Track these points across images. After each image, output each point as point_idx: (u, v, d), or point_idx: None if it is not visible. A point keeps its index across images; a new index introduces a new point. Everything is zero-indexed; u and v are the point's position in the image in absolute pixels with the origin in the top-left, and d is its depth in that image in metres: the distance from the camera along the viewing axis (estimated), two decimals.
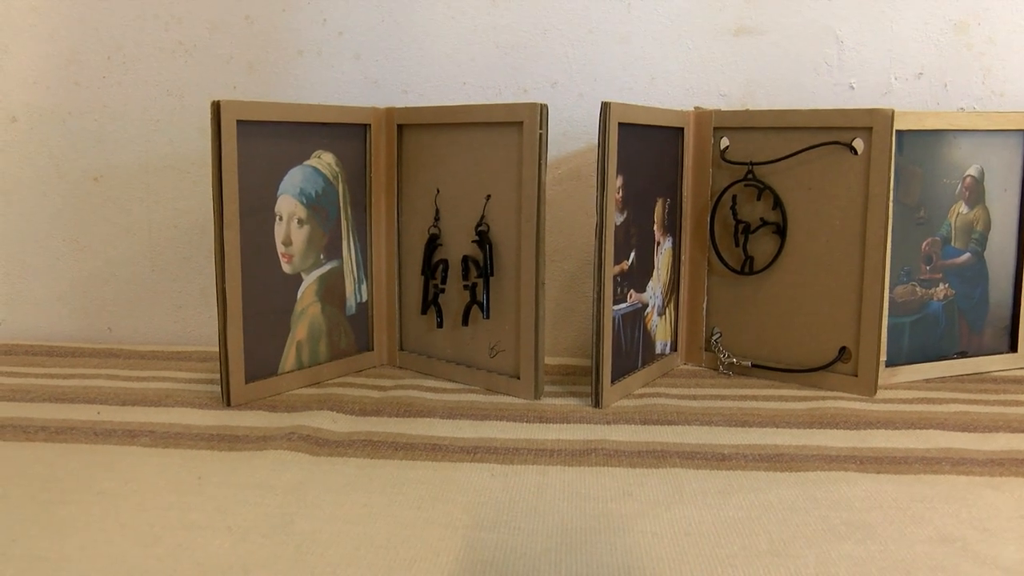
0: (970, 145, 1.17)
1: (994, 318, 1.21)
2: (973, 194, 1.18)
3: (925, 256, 1.16)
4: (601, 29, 1.24)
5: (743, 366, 1.17)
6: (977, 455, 0.91)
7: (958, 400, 1.08)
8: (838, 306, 1.11)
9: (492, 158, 1.09)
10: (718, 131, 1.17)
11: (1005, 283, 1.21)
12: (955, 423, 1.00)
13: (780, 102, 1.22)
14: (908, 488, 0.83)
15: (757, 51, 1.23)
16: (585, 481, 0.84)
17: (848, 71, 1.23)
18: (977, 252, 1.19)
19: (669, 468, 0.88)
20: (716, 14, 1.23)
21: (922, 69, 1.22)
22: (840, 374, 1.12)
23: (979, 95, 1.22)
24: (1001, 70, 1.22)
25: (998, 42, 1.22)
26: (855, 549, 0.71)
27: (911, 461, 0.89)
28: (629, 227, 1.09)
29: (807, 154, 1.11)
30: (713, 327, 1.20)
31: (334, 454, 0.90)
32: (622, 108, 1.03)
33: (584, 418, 1.01)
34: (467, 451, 0.91)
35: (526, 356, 1.07)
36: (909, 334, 1.16)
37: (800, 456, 0.90)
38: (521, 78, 1.25)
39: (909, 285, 1.16)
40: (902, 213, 1.14)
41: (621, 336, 1.09)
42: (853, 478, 0.85)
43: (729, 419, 1.01)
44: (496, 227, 1.09)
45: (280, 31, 1.25)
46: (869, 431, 0.98)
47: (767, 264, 1.15)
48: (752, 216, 1.15)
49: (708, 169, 1.18)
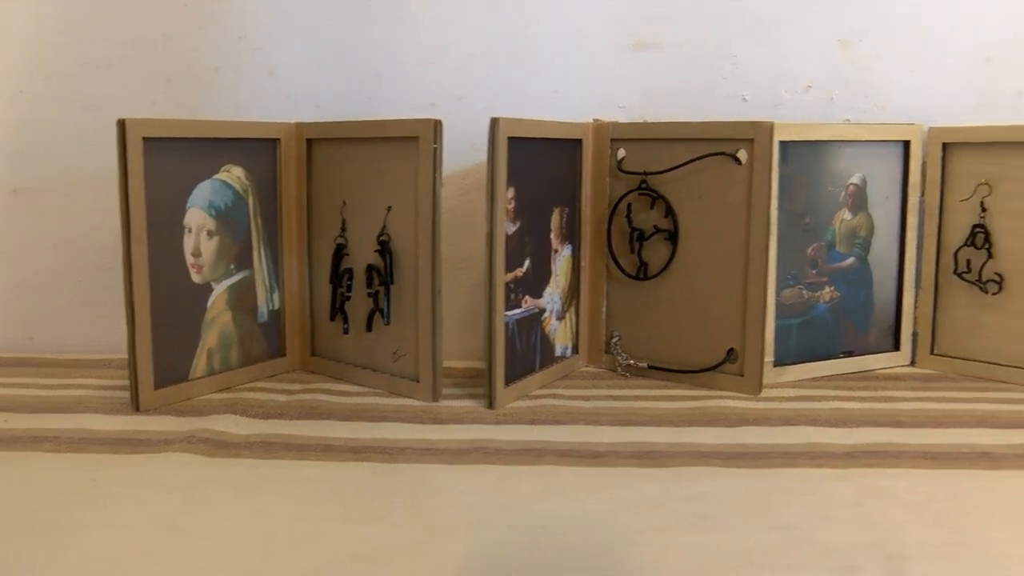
0: (853, 155, 1.23)
1: (878, 319, 1.27)
2: (856, 201, 1.24)
3: (811, 261, 1.22)
4: (505, 45, 1.29)
5: (639, 367, 1.22)
6: (837, 448, 0.97)
7: (837, 397, 1.14)
8: (726, 309, 1.17)
9: (392, 171, 1.14)
10: (615, 142, 1.23)
11: (888, 285, 1.27)
12: (826, 419, 1.06)
13: (677, 114, 1.27)
14: (763, 481, 0.88)
15: (655, 65, 1.29)
16: (462, 478, 0.89)
17: (741, 84, 1.28)
18: (861, 256, 1.25)
19: (544, 465, 0.93)
20: (616, 29, 1.28)
21: (810, 83, 1.28)
22: (728, 374, 1.17)
23: (863, 107, 1.28)
24: (883, 84, 1.28)
25: (879, 58, 1.28)
26: (697, 538, 0.77)
27: (773, 456, 0.95)
28: (523, 236, 1.14)
29: (697, 164, 1.16)
30: (613, 330, 1.26)
31: (230, 455, 0.95)
32: (511, 123, 1.08)
33: (476, 419, 1.06)
34: (357, 451, 0.96)
35: (425, 360, 1.12)
36: (797, 335, 1.22)
37: (671, 453, 0.95)
38: (428, 93, 1.30)
39: (796, 288, 1.21)
40: (788, 220, 1.20)
41: (516, 340, 1.14)
42: (715, 472, 0.91)
43: (614, 418, 1.06)
44: (397, 237, 1.14)
45: (197, 47, 1.30)
46: (744, 428, 1.03)
47: (660, 270, 1.21)
48: (646, 224, 1.21)
49: (606, 179, 1.24)
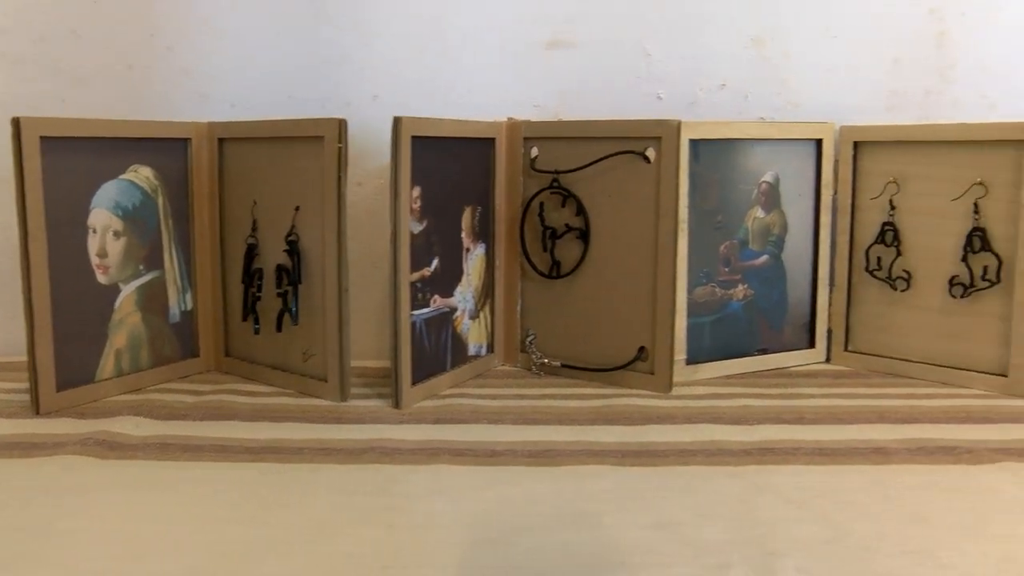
0: (765, 153, 1.24)
1: (793, 316, 1.28)
2: (769, 199, 1.24)
3: (724, 258, 1.23)
4: (421, 43, 1.29)
5: (553, 366, 1.22)
6: (734, 446, 0.97)
7: (746, 395, 1.15)
8: (636, 307, 1.17)
9: (300, 171, 1.13)
10: (528, 141, 1.23)
11: (803, 283, 1.28)
12: (730, 417, 1.06)
13: (593, 112, 1.27)
14: (653, 479, 0.89)
15: (570, 63, 1.29)
16: (351, 478, 0.89)
17: (656, 83, 1.29)
18: (775, 254, 1.26)
19: (437, 465, 0.92)
20: (531, 28, 1.28)
21: (725, 81, 1.29)
22: (639, 372, 1.17)
23: (778, 105, 1.29)
24: (796, 82, 1.29)
25: (793, 57, 1.29)
26: (573, 537, 0.77)
27: (669, 454, 0.95)
28: (430, 235, 1.13)
29: (607, 162, 1.16)
30: (528, 329, 1.26)
31: (124, 457, 0.94)
32: (415, 122, 1.08)
33: (380, 419, 1.06)
34: (252, 452, 0.95)
35: (332, 360, 1.12)
36: (710, 333, 1.23)
37: (568, 452, 0.95)
38: (344, 92, 1.29)
39: (708, 286, 1.22)
40: (700, 218, 1.20)
41: (424, 339, 1.13)
42: (607, 471, 0.91)
43: (518, 417, 1.06)
44: (305, 237, 1.14)
45: (108, 45, 1.28)
46: (647, 426, 1.03)
47: (572, 268, 1.21)
48: (558, 222, 1.21)
49: (519, 177, 1.24)
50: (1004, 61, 1.30)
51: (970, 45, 1.30)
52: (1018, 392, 1.15)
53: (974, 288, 1.18)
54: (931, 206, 1.21)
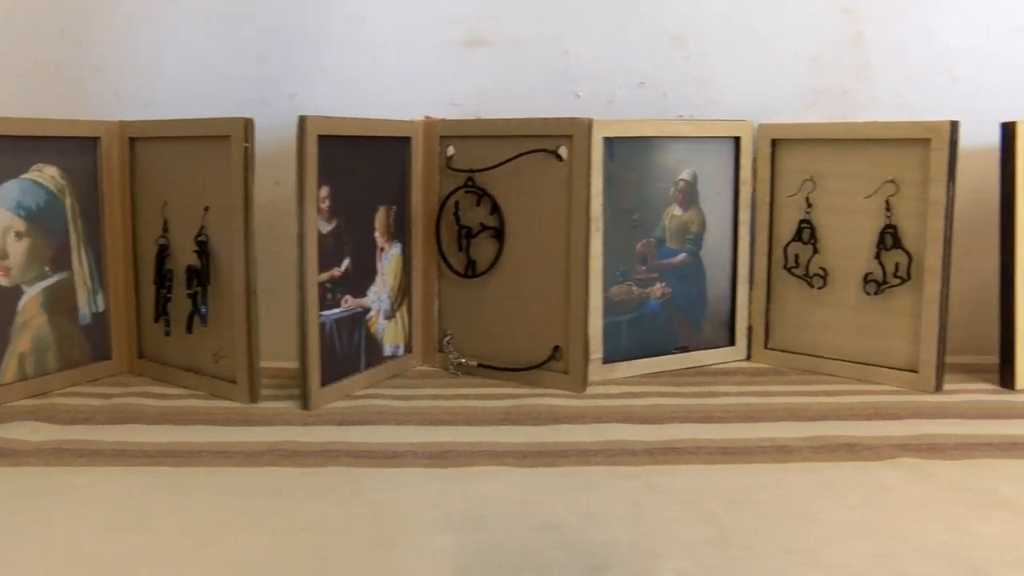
0: (682, 151, 1.23)
1: (712, 314, 1.28)
2: (687, 197, 1.24)
3: (640, 257, 1.22)
4: (340, 42, 1.27)
5: (470, 366, 1.22)
6: (637, 446, 0.97)
7: (661, 393, 1.14)
8: (551, 306, 1.16)
9: (209, 170, 1.11)
10: (444, 140, 1.22)
11: (722, 280, 1.28)
12: (640, 416, 1.06)
13: (511, 111, 1.26)
14: (548, 480, 0.88)
15: (488, 61, 1.28)
16: (246, 481, 0.87)
17: (575, 81, 1.28)
18: (693, 252, 1.26)
19: (336, 467, 0.91)
20: (448, 26, 1.27)
21: (643, 79, 1.29)
22: (554, 372, 1.17)
23: (697, 104, 1.29)
24: (715, 81, 1.29)
25: (712, 55, 1.29)
26: (456, 540, 0.76)
27: (571, 454, 0.94)
28: (341, 235, 1.12)
29: (520, 161, 1.16)
30: (446, 329, 1.25)
31: (15, 464, 0.92)
32: (321, 121, 1.07)
33: (287, 420, 1.05)
34: (150, 456, 0.94)
35: (241, 362, 1.10)
36: (627, 331, 1.22)
37: (469, 453, 0.95)
38: (262, 90, 1.28)
39: (625, 284, 1.21)
40: (616, 216, 1.20)
41: (336, 340, 1.12)
42: (504, 472, 0.90)
43: (425, 418, 1.05)
44: (215, 237, 1.12)
45: (15, 42, 1.26)
46: (554, 426, 1.03)
47: (487, 267, 1.20)
48: (473, 221, 1.20)
49: (435, 177, 1.23)
50: (918, 61, 1.31)
51: (885, 45, 1.30)
52: (927, 388, 1.15)
53: (887, 285, 1.18)
54: (846, 204, 1.21)
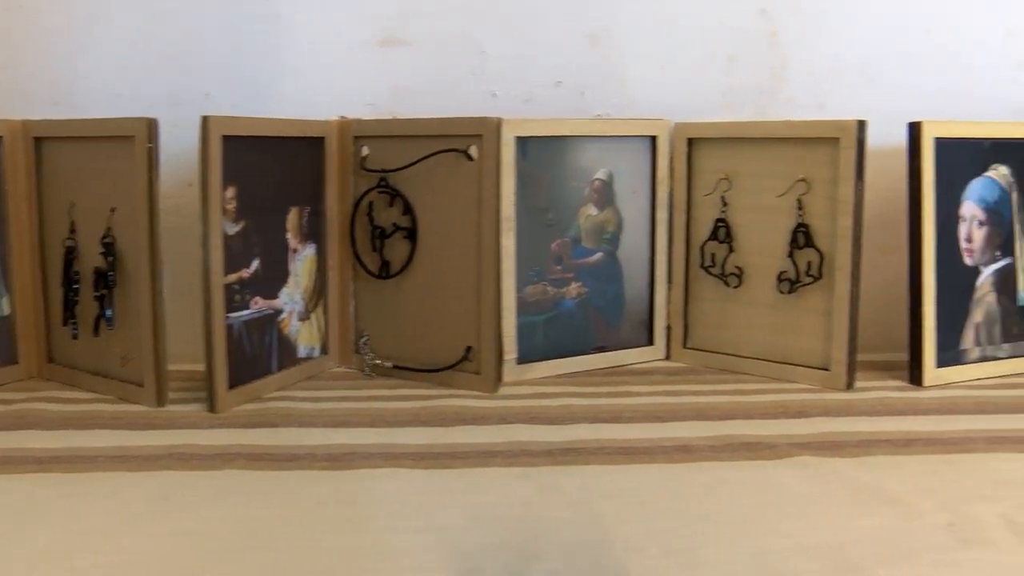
0: (597, 150, 1.23)
1: (630, 313, 1.28)
2: (602, 196, 1.24)
3: (555, 256, 1.22)
4: (254, 41, 1.26)
5: (385, 367, 1.21)
6: (537, 447, 0.96)
7: (573, 394, 1.14)
8: (463, 307, 1.16)
9: (115, 171, 1.10)
10: (359, 140, 1.21)
11: (639, 280, 1.28)
12: (547, 416, 1.05)
13: (427, 110, 1.25)
14: (441, 482, 0.88)
15: (404, 61, 1.27)
16: (133, 485, 0.86)
17: (491, 80, 1.28)
18: (609, 251, 1.25)
19: (230, 470, 0.90)
20: (363, 25, 1.27)
21: (561, 78, 1.28)
22: (467, 372, 1.16)
23: (615, 103, 1.29)
24: (632, 80, 1.29)
25: (629, 54, 1.29)
26: (337, 542, 0.75)
27: (469, 455, 0.94)
28: (249, 236, 1.11)
29: (432, 161, 1.15)
30: (363, 330, 1.24)
31: None
32: (225, 121, 1.06)
33: (191, 424, 1.04)
34: (41, 462, 0.92)
35: (148, 364, 1.09)
36: (543, 331, 1.22)
37: (368, 455, 0.94)
38: (175, 90, 1.26)
39: (540, 285, 1.21)
40: (530, 216, 1.19)
41: (245, 342, 1.11)
42: (400, 474, 0.89)
43: (332, 420, 1.04)
44: (122, 239, 1.11)
45: None
46: (458, 427, 1.02)
47: (401, 268, 1.19)
48: (387, 222, 1.19)
49: (350, 177, 1.22)
50: (832, 61, 1.31)
51: (801, 45, 1.31)
52: (839, 386, 1.16)
53: (800, 284, 1.19)
54: (760, 202, 1.22)
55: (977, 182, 1.23)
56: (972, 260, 1.22)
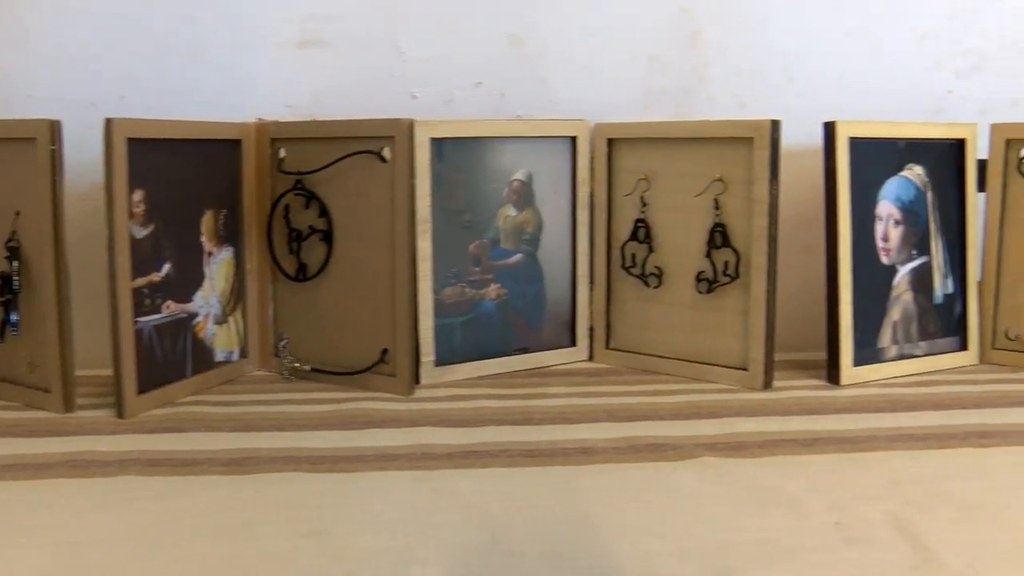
0: (516, 151, 1.23)
1: (552, 315, 1.28)
2: (521, 197, 1.24)
3: (473, 258, 1.22)
4: (169, 43, 1.25)
5: (303, 371, 1.20)
6: (439, 449, 0.96)
7: (488, 396, 1.14)
8: (379, 309, 1.15)
9: (18, 174, 1.09)
10: (276, 142, 1.20)
11: (561, 281, 1.28)
12: (456, 419, 1.05)
13: (347, 112, 1.25)
14: (336, 486, 0.87)
15: (322, 63, 1.27)
16: (22, 494, 0.85)
17: (411, 81, 1.27)
18: (529, 252, 1.25)
19: (126, 476, 0.89)
20: (282, 27, 1.26)
21: (481, 79, 1.28)
22: (383, 375, 1.16)
23: (537, 103, 1.29)
24: (554, 80, 1.29)
25: (550, 55, 1.29)
26: (216, 548, 0.75)
27: (368, 459, 0.93)
28: (159, 239, 1.10)
29: (347, 163, 1.15)
30: (282, 333, 1.23)
31: None
32: (131, 123, 1.05)
33: (96, 430, 1.02)
34: None
35: (54, 370, 1.08)
36: (461, 333, 1.22)
37: (267, 459, 0.93)
38: (89, 92, 1.25)
39: (458, 286, 1.21)
40: (447, 217, 1.19)
41: (156, 347, 1.10)
42: (297, 478, 0.89)
43: (240, 425, 1.03)
44: (28, 243, 1.09)
45: None
46: (365, 431, 1.02)
47: (317, 271, 1.19)
48: (303, 224, 1.19)
49: (267, 180, 1.21)
50: (754, 61, 1.32)
51: (722, 45, 1.31)
52: (756, 386, 1.16)
53: (718, 283, 1.19)
54: (678, 202, 1.22)
55: (893, 181, 1.23)
56: (889, 259, 1.23)
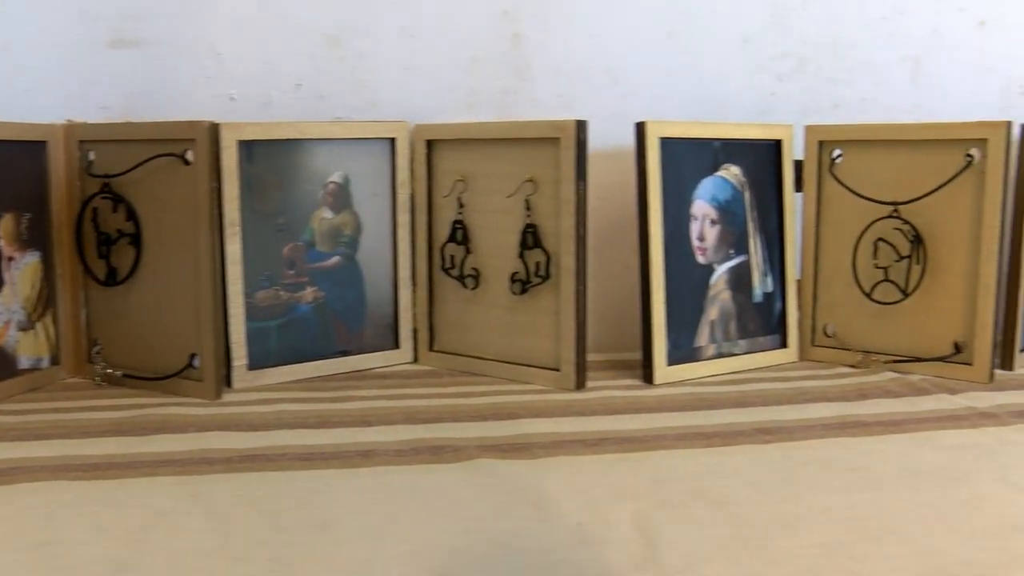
0: (332, 153, 1.22)
1: (374, 317, 1.27)
2: (338, 200, 1.23)
3: (288, 261, 1.21)
4: None
5: (116, 376, 1.18)
6: (216, 454, 0.95)
7: (297, 399, 1.13)
8: (188, 313, 1.14)
9: None
10: (84, 144, 1.18)
11: (383, 283, 1.27)
12: (248, 423, 1.04)
13: (163, 114, 1.23)
14: (91, 495, 0.86)
15: (137, 63, 1.25)
16: None
17: (228, 83, 1.26)
18: (348, 255, 1.25)
19: None
20: (91, 26, 1.24)
21: (300, 81, 1.27)
22: (192, 380, 1.14)
23: (356, 105, 1.28)
24: (373, 82, 1.28)
25: (370, 56, 1.28)
26: None
27: (140, 466, 0.92)
28: None
29: (153, 166, 1.13)
30: (95, 338, 1.21)
31: None
32: None
33: None
34: None
35: None
36: (277, 337, 1.21)
37: (31, 468, 0.91)
38: None
39: (272, 290, 1.20)
40: (260, 220, 1.18)
41: None
42: (52, 487, 0.87)
43: (21, 434, 1.01)
44: None
45: None
46: (155, 437, 1.01)
47: (127, 275, 1.17)
48: (112, 228, 1.17)
49: (77, 182, 1.19)
50: (577, 62, 1.32)
51: (544, 46, 1.32)
52: (569, 386, 1.16)
53: (531, 284, 1.19)
54: (493, 204, 1.22)
55: (708, 181, 1.24)
56: (705, 258, 1.24)
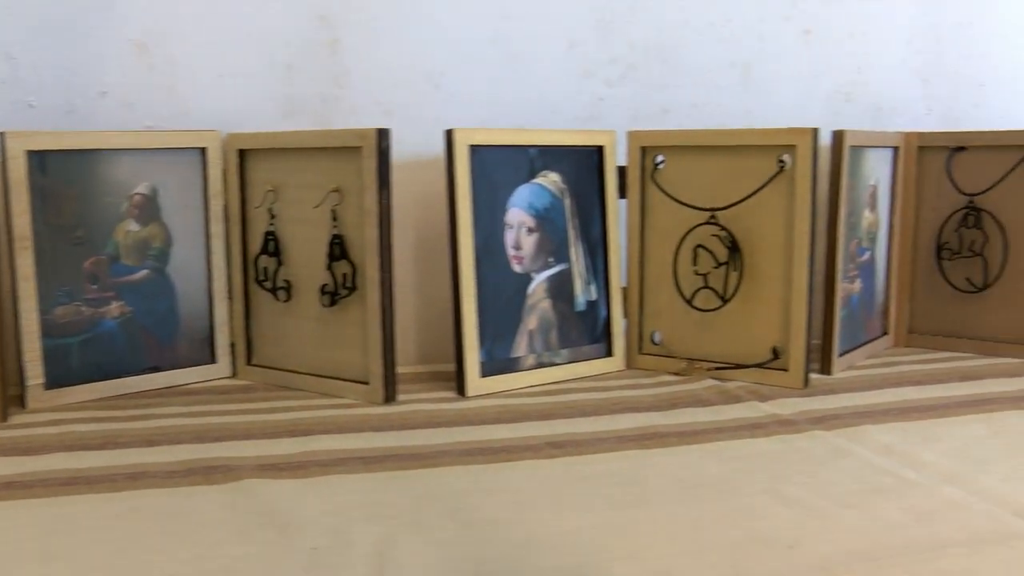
0: (137, 163, 1.19)
1: (188, 331, 1.24)
2: (145, 212, 1.20)
3: (90, 275, 1.17)
4: None
5: None
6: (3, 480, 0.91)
7: (92, 419, 1.09)
8: None
9: None
10: None
11: (197, 296, 1.24)
12: (25, 447, 1.00)
13: None
14: None
15: None
16: None
17: (26, 90, 1.21)
18: (157, 268, 1.21)
19: None
20: None
21: (106, 88, 1.23)
22: None
23: (167, 114, 1.24)
24: (184, 90, 1.25)
25: (179, 62, 1.24)
26: None
27: None
28: None
29: None
30: None
31: None
32: None
33: None
34: None
35: None
36: (79, 353, 1.17)
37: None
38: None
39: (72, 305, 1.16)
40: (56, 234, 1.14)
41: None
42: None
43: None
44: None
45: None
46: None
47: None
48: None
49: None
50: (398, 69, 1.30)
51: (363, 53, 1.29)
52: (377, 400, 1.14)
53: (339, 296, 1.17)
54: (302, 214, 1.19)
55: (525, 188, 1.23)
56: (522, 267, 1.22)
